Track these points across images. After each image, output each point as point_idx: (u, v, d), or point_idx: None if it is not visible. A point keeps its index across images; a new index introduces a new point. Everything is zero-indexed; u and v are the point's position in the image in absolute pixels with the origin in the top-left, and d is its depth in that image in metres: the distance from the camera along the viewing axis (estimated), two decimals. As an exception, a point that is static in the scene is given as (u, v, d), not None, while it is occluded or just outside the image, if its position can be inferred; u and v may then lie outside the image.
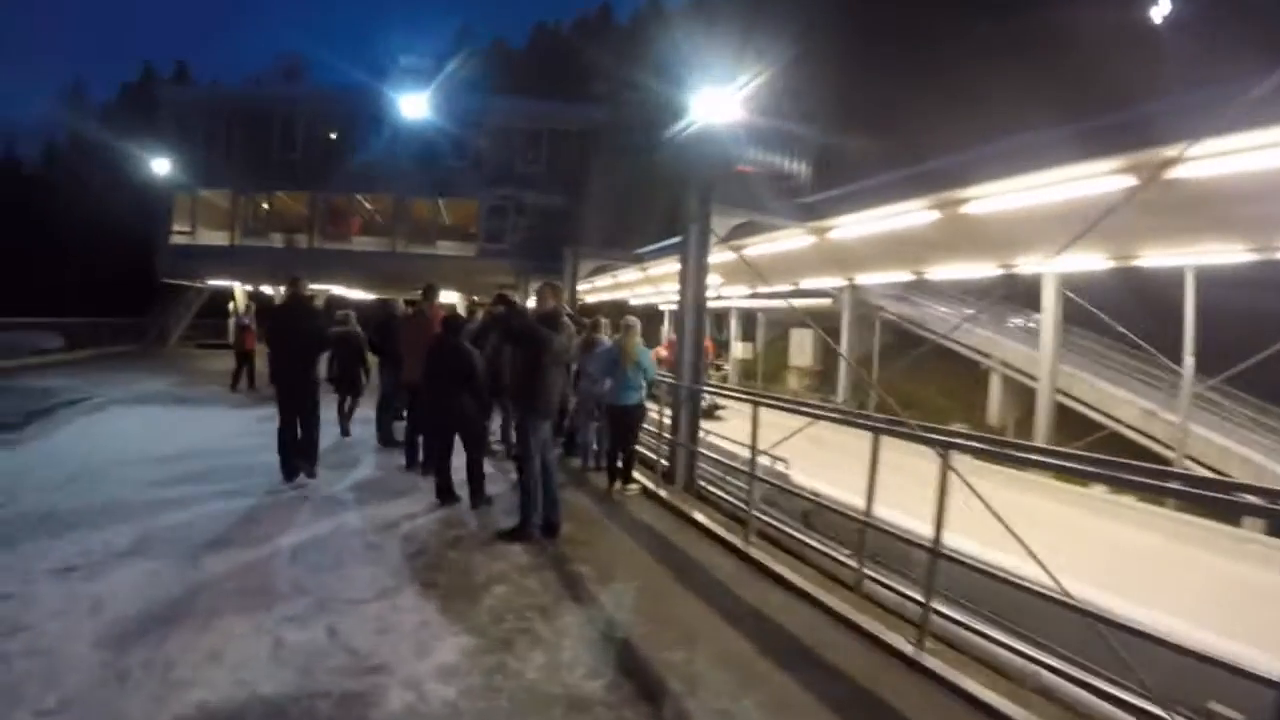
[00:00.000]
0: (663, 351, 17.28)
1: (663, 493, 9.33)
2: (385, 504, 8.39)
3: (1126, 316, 17.55)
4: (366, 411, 12.53)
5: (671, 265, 17.64)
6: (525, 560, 6.68)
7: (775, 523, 8.14)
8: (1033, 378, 19.21)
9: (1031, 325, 22.51)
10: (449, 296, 34.53)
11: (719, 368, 30.56)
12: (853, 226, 11.32)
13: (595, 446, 10.85)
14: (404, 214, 34.52)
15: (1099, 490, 11.98)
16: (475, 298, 33.41)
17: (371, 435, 11.94)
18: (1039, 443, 15.37)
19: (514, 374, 7.80)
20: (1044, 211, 8.95)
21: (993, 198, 9.02)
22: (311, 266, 30.82)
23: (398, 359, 10.58)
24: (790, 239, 12.83)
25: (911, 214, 10.05)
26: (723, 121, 11.06)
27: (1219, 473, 15.58)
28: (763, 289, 24.85)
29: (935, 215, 9.78)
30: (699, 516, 8.24)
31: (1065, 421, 17.41)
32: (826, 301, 23.55)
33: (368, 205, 36.99)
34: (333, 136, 34.54)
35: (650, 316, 29.43)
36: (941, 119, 23.84)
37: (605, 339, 10.57)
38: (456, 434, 8.45)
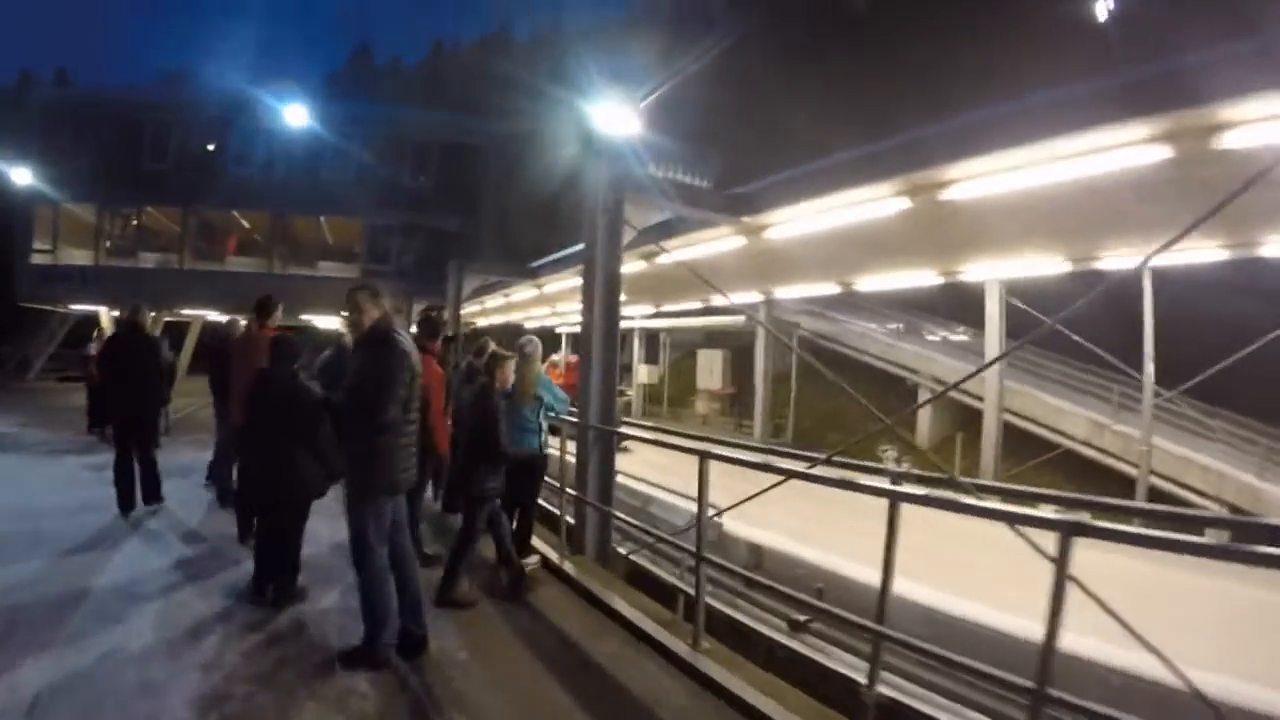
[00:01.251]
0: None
1: (569, 567, 7.16)
2: (192, 602, 6.04)
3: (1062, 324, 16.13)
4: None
5: (568, 281, 15.49)
6: (370, 709, 4.42)
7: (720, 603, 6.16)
8: (970, 394, 17.77)
9: (959, 338, 21.31)
10: (329, 322, 31.85)
11: (621, 393, 28.55)
12: (795, 223, 9.27)
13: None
14: (283, 232, 31.64)
15: (1048, 509, 10.37)
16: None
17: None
18: (989, 467, 13.84)
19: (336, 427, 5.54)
20: (1052, 194, 7.18)
21: (992, 176, 7.10)
22: (183, 289, 28.47)
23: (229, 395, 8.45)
24: (714, 243, 10.70)
25: (873, 203, 8.07)
26: (626, 133, 9.00)
27: (1179, 483, 14.59)
28: (669, 307, 23.01)
29: (904, 204, 7.83)
30: (625, 610, 6.02)
31: (1007, 439, 15.85)
32: (740, 319, 21.75)
33: (244, 223, 33.83)
34: (209, 148, 31.33)
35: (546, 341, 27.24)
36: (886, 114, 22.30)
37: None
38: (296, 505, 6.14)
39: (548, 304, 22.23)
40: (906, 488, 4.52)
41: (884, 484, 4.56)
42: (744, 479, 5.44)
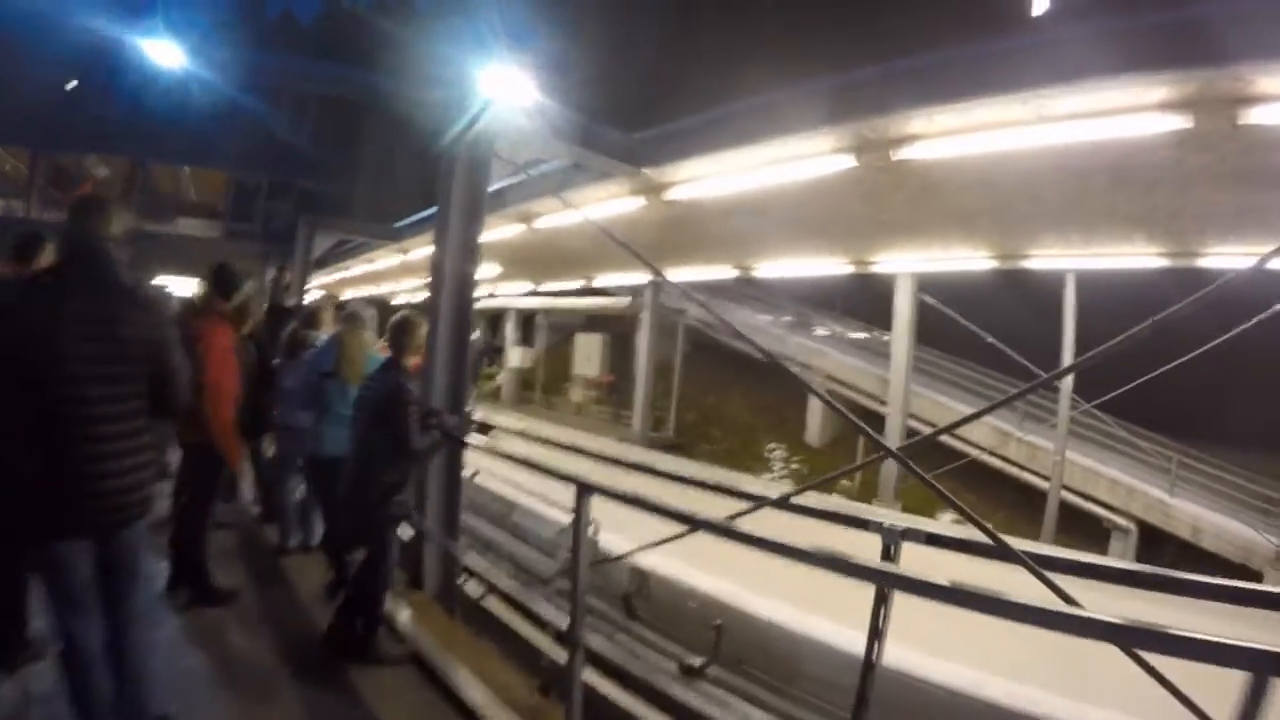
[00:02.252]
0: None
1: (402, 613, 5.40)
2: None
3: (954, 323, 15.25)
4: None
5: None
6: None
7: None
8: (865, 393, 16.83)
9: (856, 335, 20.42)
10: (190, 286, 28.93)
11: (490, 377, 26.81)
12: (705, 181, 7.63)
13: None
14: (142, 183, 28.62)
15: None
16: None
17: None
18: (890, 476, 12.70)
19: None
20: (1021, 166, 5.92)
21: (963, 135, 5.70)
22: (30, 243, 24.88)
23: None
24: (606, 204, 8.98)
25: (809, 160, 6.51)
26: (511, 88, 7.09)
27: (1086, 496, 14.13)
28: (547, 286, 21.36)
29: (847, 162, 6.32)
30: (471, 695, 4.31)
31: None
32: (624, 302, 20.24)
33: (101, 170, 30.49)
34: (70, 86, 27.97)
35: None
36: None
37: (323, 335, 6.68)
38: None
39: (415, 274, 20.14)
40: (911, 559, 3.00)
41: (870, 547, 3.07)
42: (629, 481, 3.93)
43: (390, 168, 28.13)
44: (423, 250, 15.11)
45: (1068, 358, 11.78)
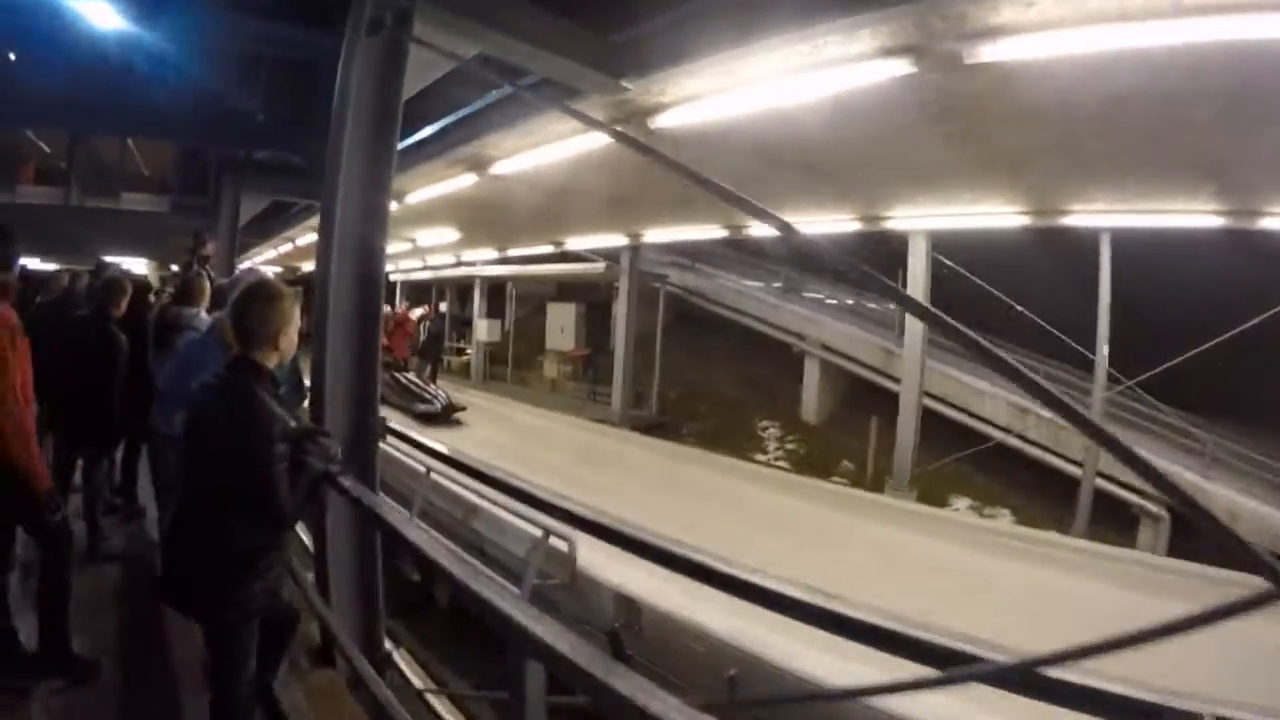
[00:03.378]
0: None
1: (299, 697, 3.65)
2: None
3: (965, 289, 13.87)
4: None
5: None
6: None
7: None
8: (866, 365, 15.46)
9: (846, 300, 19.04)
10: (137, 265, 27.04)
11: (461, 352, 25.25)
12: (703, 101, 5.81)
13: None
14: (87, 158, 26.70)
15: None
16: (175, 267, 26.24)
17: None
18: (905, 460, 11.14)
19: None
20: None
21: (1078, 29, 4.14)
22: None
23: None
24: (570, 142, 7.13)
25: (847, 67, 4.79)
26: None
27: (1115, 480, 12.20)
28: (515, 252, 19.68)
29: (902, 68, 4.64)
30: None
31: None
32: (598, 267, 18.68)
33: (45, 147, 28.44)
34: (11, 57, 25.83)
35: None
36: None
37: (203, 315, 5.14)
38: None
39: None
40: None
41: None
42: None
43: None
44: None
45: (1103, 330, 10.43)
